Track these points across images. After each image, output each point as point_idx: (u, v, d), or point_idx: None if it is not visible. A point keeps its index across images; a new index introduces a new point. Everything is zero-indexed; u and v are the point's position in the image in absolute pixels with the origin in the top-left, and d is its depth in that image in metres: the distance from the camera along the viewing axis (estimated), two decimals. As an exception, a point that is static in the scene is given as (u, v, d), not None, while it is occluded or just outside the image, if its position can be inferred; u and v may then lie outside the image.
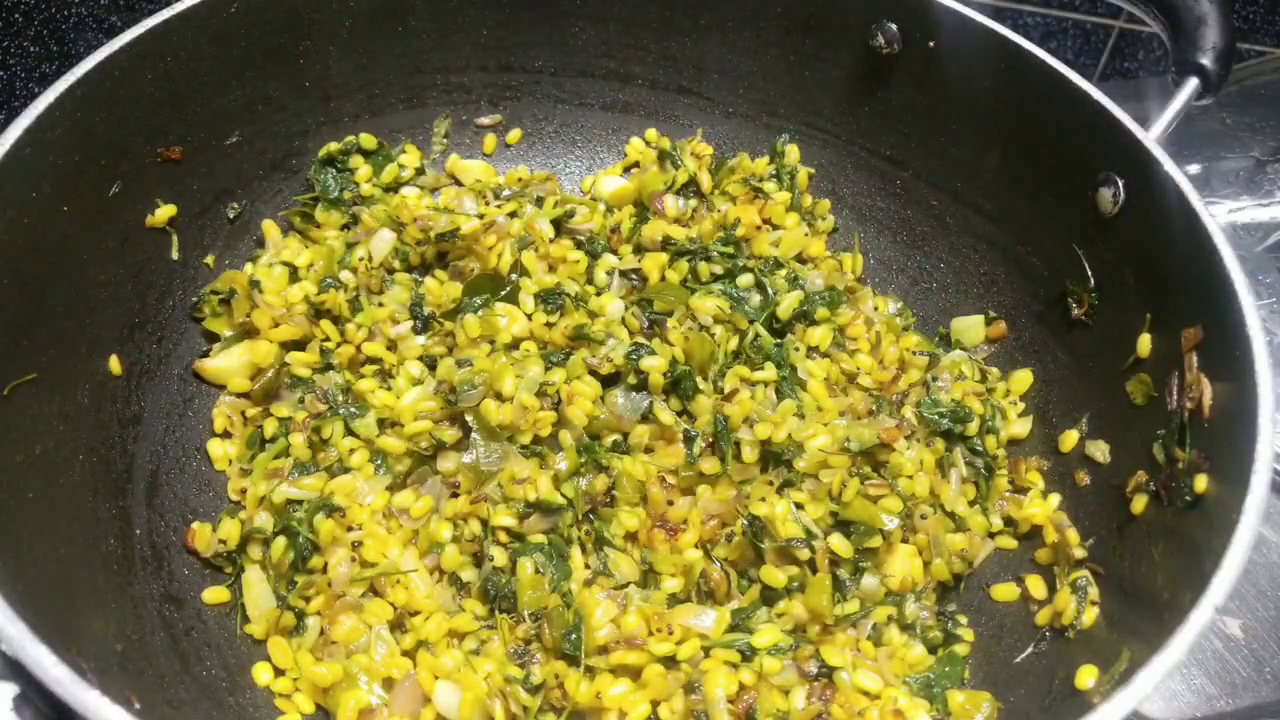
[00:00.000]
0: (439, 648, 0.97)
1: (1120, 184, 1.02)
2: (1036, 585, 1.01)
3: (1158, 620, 0.78)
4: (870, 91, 1.22)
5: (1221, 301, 0.88)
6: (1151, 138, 0.99)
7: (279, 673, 0.96)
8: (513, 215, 1.20)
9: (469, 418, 1.04)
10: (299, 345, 1.14)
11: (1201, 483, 0.87)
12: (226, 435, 1.11)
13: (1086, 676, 0.85)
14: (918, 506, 1.03)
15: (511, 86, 1.32)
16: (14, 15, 1.41)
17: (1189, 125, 1.34)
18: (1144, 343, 1.00)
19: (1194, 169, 1.36)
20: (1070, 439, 1.07)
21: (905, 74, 1.19)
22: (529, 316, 1.14)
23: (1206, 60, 1.00)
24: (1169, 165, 0.97)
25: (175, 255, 1.11)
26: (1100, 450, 1.03)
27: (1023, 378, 1.15)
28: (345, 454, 1.07)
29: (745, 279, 1.17)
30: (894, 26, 1.16)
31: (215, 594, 1.00)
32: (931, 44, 1.15)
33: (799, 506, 1.00)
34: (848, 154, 1.29)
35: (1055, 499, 1.05)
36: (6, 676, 0.68)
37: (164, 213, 1.08)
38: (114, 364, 1.02)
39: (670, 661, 0.92)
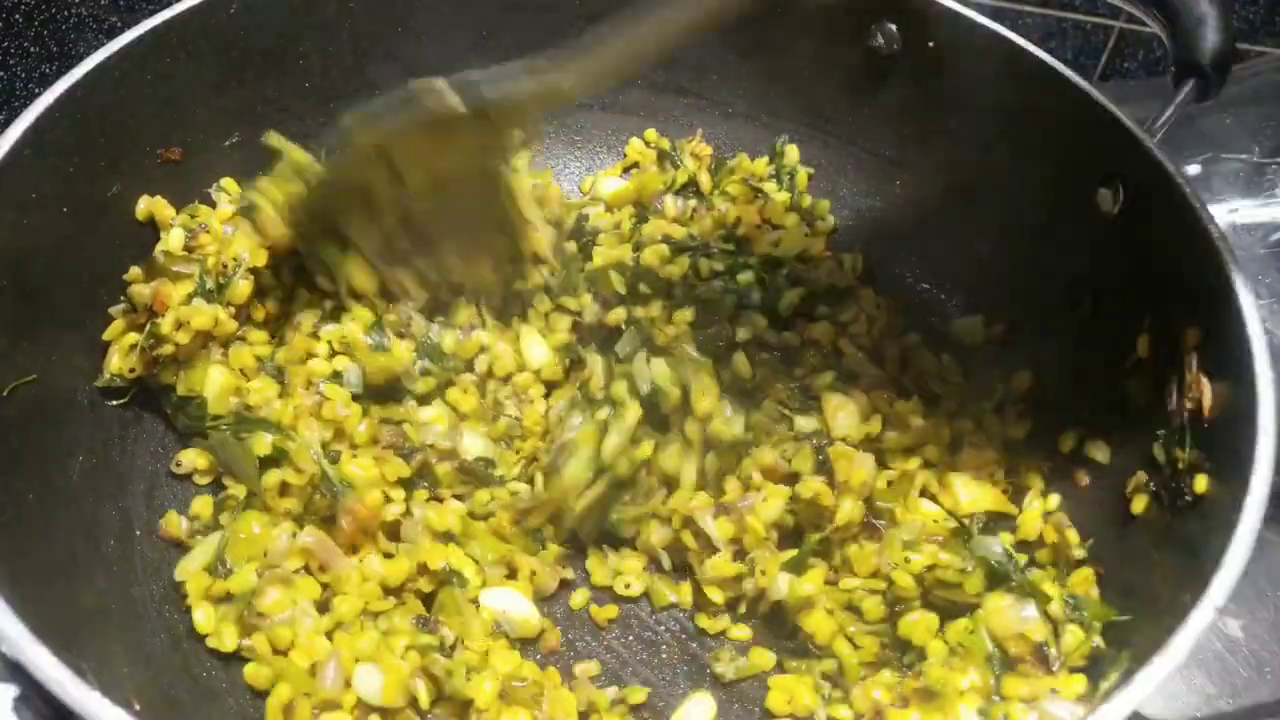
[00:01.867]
0: (354, 628, 0.92)
1: (1120, 184, 1.02)
2: (1037, 585, 1.00)
3: (1158, 621, 0.78)
4: (870, 91, 1.22)
5: (1221, 301, 0.88)
6: (1151, 138, 0.99)
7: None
8: None
9: None
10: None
11: (1201, 483, 0.87)
12: (226, 435, 1.10)
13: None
14: None
15: (511, 87, 1.31)
16: (14, 15, 1.41)
17: (1189, 125, 1.34)
18: (1144, 343, 0.99)
19: (1194, 169, 1.36)
20: (1070, 439, 1.07)
21: (905, 74, 1.18)
22: None
23: (1206, 61, 1.00)
24: (1169, 165, 0.97)
25: (175, 255, 1.11)
26: (1100, 450, 1.03)
27: (1023, 378, 1.14)
28: None
29: (745, 276, 1.17)
30: (894, 26, 1.16)
31: (215, 594, 0.99)
32: (931, 44, 1.15)
33: None
34: (848, 154, 1.29)
35: (1055, 499, 1.05)
36: (6, 678, 0.68)
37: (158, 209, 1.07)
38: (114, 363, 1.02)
39: None
